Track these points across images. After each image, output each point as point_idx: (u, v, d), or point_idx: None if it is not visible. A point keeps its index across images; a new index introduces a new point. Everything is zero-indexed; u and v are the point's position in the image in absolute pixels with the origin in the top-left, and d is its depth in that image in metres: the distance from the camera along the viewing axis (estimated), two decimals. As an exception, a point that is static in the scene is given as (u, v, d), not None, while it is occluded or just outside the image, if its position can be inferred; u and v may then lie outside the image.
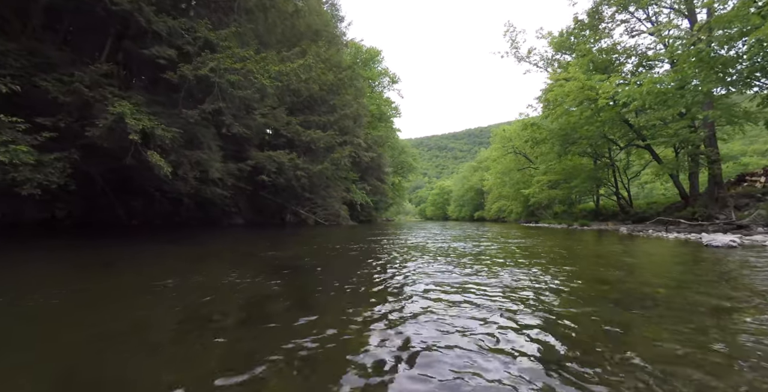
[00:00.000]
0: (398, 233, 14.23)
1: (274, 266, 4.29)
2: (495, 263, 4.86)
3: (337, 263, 4.76)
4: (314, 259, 5.03)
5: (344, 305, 2.57)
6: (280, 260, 4.85)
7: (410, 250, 6.78)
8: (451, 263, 4.94)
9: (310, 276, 3.68)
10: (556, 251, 6.65)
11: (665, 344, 1.84)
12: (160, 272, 3.77)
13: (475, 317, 2.31)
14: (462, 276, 3.79)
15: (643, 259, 5.46)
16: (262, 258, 5.05)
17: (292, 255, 5.40)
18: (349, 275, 3.73)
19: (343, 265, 4.60)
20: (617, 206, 22.87)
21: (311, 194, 23.08)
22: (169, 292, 2.87)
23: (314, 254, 5.60)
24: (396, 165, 46.83)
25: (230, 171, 15.29)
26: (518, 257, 5.63)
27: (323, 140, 17.38)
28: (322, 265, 4.48)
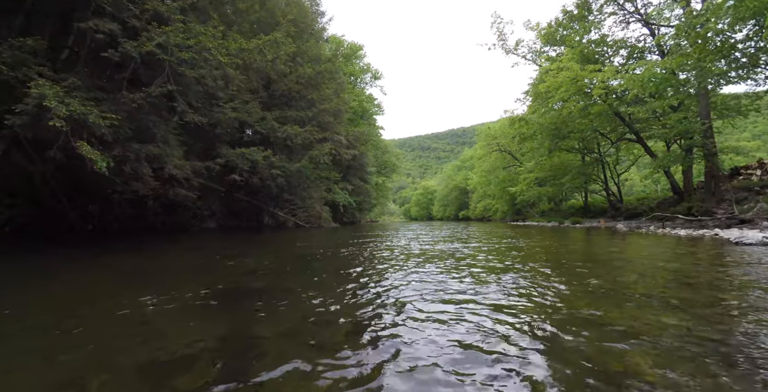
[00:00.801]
0: (383, 234, 13.08)
1: (216, 289, 3.04)
2: (493, 271, 3.76)
3: (305, 279, 3.54)
4: (277, 275, 3.79)
5: (294, 375, 1.36)
6: (231, 277, 3.59)
7: (395, 256, 5.61)
8: (444, 272, 3.83)
9: (255, 306, 2.44)
10: (561, 252, 5.62)
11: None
12: (36, 304, 2.46)
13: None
14: (457, 294, 2.67)
15: (675, 263, 4.46)
16: (207, 275, 3.78)
17: (251, 269, 4.13)
18: (314, 301, 2.52)
19: (313, 283, 3.38)
20: (606, 203, 22.36)
21: (290, 195, 21.70)
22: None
23: (280, 267, 4.36)
24: (379, 165, 45.67)
25: (197, 170, 13.79)
26: (518, 262, 4.54)
27: (301, 137, 16.05)
28: (283, 285, 3.25)
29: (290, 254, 6.13)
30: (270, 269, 4.20)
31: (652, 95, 12.78)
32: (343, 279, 3.53)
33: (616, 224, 16.01)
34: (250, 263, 4.71)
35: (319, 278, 3.67)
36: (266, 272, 3.91)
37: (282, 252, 6.49)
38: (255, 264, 4.60)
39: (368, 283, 3.37)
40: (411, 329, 1.91)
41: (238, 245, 8.17)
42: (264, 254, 6.15)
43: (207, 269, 4.25)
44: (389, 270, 4.18)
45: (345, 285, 3.25)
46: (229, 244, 8.89)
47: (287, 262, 4.90)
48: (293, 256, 5.76)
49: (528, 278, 3.48)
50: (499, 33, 18.73)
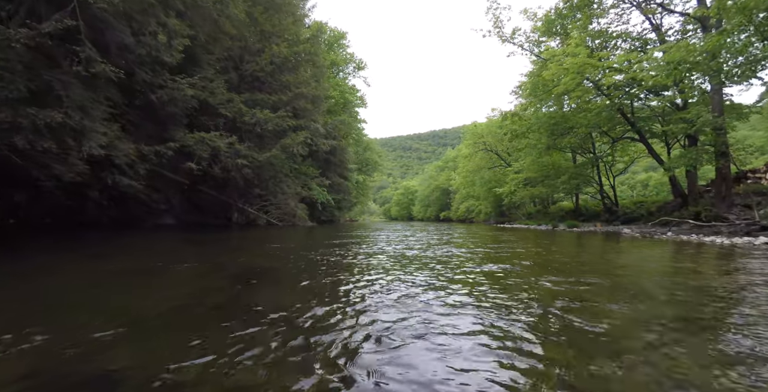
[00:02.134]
0: (362, 236, 11.26)
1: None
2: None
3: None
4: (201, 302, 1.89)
5: None
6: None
7: (376, 266, 3.82)
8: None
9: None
10: (581, 268, 3.96)
11: None
12: None
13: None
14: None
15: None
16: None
17: (170, 296, 2.22)
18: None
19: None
20: (600, 206, 21.30)
21: (262, 190, 19.53)
22: None
23: (216, 287, 2.47)
24: (360, 162, 43.74)
25: (144, 155, 11.54)
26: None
27: (273, 123, 13.97)
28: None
29: (248, 262, 4.19)
30: (211, 287, 2.29)
31: (673, 84, 11.47)
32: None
33: (621, 229, 14.72)
34: (180, 287, 2.77)
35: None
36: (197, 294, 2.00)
37: (242, 256, 4.56)
38: (187, 290, 2.67)
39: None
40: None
41: (186, 248, 6.11)
42: (207, 260, 4.17)
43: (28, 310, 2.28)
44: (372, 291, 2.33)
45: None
46: (177, 245, 6.80)
47: (239, 275, 2.99)
48: (248, 268, 3.84)
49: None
50: (495, 19, 17.21)
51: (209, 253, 5.72)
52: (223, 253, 5.74)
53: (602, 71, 12.04)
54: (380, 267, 4.22)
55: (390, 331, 1.85)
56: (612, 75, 11.73)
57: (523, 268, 4.26)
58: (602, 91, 14.95)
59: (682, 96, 11.82)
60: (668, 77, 10.13)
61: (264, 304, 2.41)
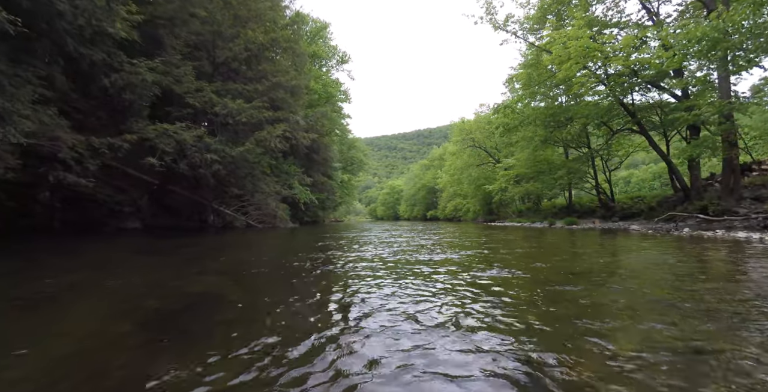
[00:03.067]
0: (348, 237, 10.02)
1: None
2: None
3: None
4: None
5: None
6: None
7: (366, 288, 2.60)
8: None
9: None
10: (638, 282, 2.86)
11: None
12: None
13: None
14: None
15: None
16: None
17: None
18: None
19: None
20: (594, 202, 20.58)
21: (239, 190, 18.03)
22: None
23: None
24: (345, 161, 42.33)
25: (95, 148, 9.98)
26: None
27: (246, 114, 12.53)
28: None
29: (207, 274, 2.90)
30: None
31: (672, 74, 10.67)
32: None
33: (628, 225, 13.89)
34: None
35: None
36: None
37: (203, 266, 3.29)
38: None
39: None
40: None
41: (140, 258, 4.71)
42: (160, 275, 2.87)
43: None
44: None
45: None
46: (131, 255, 5.38)
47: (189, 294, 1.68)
48: (206, 284, 2.54)
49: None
50: (488, 5, 16.19)
51: (156, 267, 4.40)
52: (171, 267, 4.42)
53: (607, 55, 11.08)
54: (372, 292, 3.00)
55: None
56: (619, 59, 10.79)
57: (558, 280, 3.11)
58: (603, 81, 14.12)
59: (679, 84, 10.99)
60: (675, 62, 9.22)
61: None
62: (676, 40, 9.54)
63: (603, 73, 13.77)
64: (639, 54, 11.41)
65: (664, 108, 15.66)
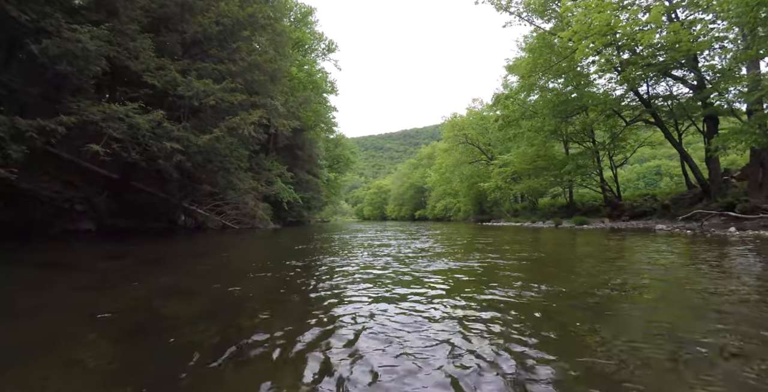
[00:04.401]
0: (335, 240, 8.32)
1: None
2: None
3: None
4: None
5: None
6: None
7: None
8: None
9: None
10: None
11: None
12: None
13: None
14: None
15: None
16: None
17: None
18: None
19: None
20: (599, 200, 19.37)
21: (213, 187, 16.05)
22: None
23: None
24: (332, 159, 40.43)
25: (20, 131, 8.01)
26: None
27: (215, 96, 10.65)
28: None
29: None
30: None
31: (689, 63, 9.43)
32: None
33: (655, 225, 12.56)
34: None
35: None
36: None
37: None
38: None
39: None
40: None
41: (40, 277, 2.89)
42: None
43: None
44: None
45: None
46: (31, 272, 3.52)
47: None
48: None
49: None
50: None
51: (49, 296, 2.61)
52: (71, 295, 2.64)
53: (631, 32, 9.69)
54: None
55: None
56: (649, 33, 9.40)
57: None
58: (616, 68, 12.81)
59: (710, 67, 9.70)
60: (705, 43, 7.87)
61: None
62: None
63: (617, 60, 12.45)
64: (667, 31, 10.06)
65: (676, 99, 14.50)
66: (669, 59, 10.80)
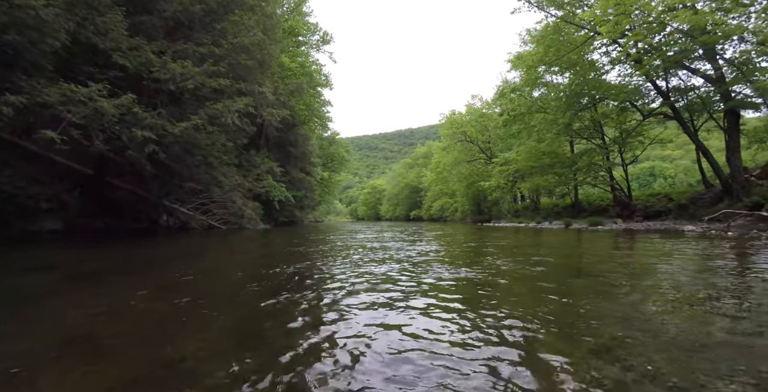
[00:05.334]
0: (327, 242, 7.21)
1: None
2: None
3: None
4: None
5: None
6: None
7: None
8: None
9: None
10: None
11: None
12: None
13: None
14: None
15: None
16: None
17: None
18: None
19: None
20: (607, 200, 18.45)
21: (196, 183, 14.80)
22: None
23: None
24: (326, 157, 39.16)
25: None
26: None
27: (195, 80, 9.44)
28: None
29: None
30: None
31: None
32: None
33: (679, 226, 11.56)
34: None
35: None
36: None
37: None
38: None
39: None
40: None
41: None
42: None
43: None
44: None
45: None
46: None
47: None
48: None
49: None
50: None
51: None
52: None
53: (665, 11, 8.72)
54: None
55: None
56: (684, 13, 8.44)
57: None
58: (635, 59, 11.83)
59: (744, 53, 8.78)
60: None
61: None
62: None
63: (641, 47, 11.50)
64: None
65: (694, 92, 13.60)
66: (688, 47, 9.84)
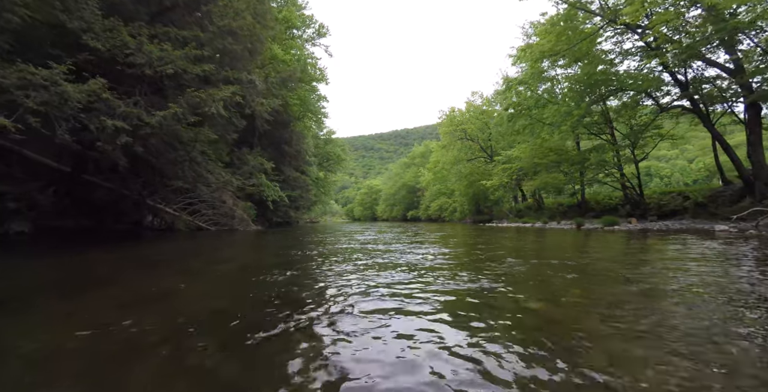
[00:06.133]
0: (323, 245, 6.29)
1: None
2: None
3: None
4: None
5: None
6: None
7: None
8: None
9: None
10: None
11: None
12: None
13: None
14: None
15: None
16: None
17: None
18: None
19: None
20: (615, 199, 17.66)
21: (184, 182, 13.80)
22: None
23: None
24: (321, 156, 38.14)
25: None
26: None
27: (175, 65, 8.47)
28: None
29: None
30: None
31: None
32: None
33: (696, 225, 10.71)
34: None
35: None
36: None
37: None
38: None
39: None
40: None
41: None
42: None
43: None
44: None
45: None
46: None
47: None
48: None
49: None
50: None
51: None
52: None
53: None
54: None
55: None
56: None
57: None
58: (650, 45, 11.02)
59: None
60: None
61: None
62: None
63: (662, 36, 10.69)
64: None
65: (712, 83, 12.84)
66: (713, 31, 9.03)
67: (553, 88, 14.99)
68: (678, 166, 66.78)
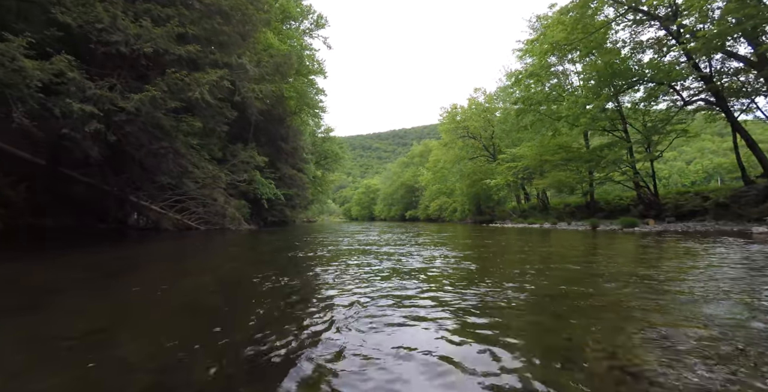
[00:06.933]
0: (319, 247, 5.42)
1: None
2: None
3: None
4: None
5: None
6: None
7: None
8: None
9: None
10: None
11: None
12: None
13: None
14: None
15: None
16: None
17: None
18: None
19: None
20: (626, 199, 16.84)
21: (171, 178, 12.83)
22: None
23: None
24: (319, 154, 37.18)
25: None
26: None
27: (155, 43, 7.53)
28: None
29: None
30: None
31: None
32: None
33: (730, 227, 9.82)
34: None
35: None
36: None
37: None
38: None
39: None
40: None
41: None
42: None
43: None
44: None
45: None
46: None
47: None
48: None
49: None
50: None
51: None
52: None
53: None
54: None
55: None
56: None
57: None
58: (672, 34, 10.18)
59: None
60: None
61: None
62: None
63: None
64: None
65: (736, 77, 12.04)
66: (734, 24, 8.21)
67: (561, 83, 14.15)
68: (676, 167, 66.24)
